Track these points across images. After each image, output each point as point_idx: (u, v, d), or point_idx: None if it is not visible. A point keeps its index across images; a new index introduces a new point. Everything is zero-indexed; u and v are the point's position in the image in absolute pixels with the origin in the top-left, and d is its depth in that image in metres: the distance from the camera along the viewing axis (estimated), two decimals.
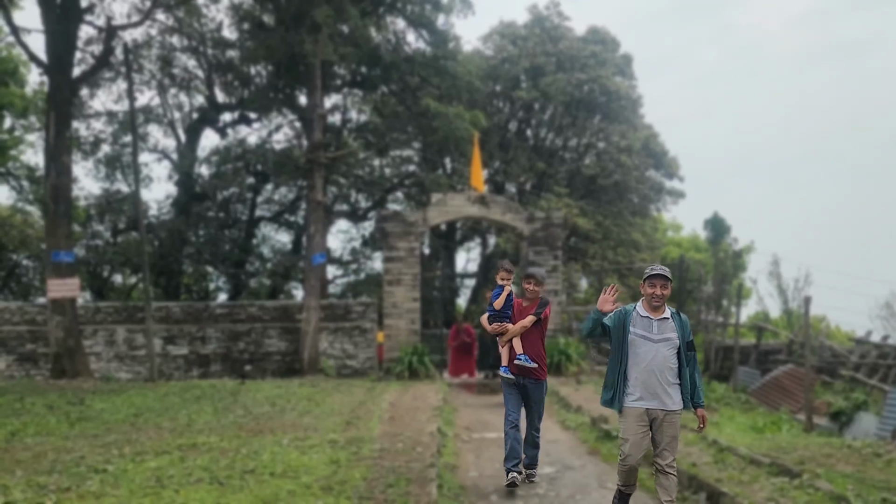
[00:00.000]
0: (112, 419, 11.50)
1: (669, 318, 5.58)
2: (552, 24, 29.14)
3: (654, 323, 5.53)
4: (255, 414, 11.92)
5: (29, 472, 7.94)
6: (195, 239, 27.98)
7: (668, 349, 5.51)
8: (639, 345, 5.51)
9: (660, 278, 5.55)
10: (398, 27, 24.97)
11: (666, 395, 5.47)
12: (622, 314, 5.61)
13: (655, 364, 5.46)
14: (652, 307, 5.57)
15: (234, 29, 25.37)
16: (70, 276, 17.89)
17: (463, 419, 12.61)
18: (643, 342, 5.50)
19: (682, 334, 5.57)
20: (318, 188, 20.27)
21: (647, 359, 5.47)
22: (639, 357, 5.49)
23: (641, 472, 8.52)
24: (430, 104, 23.28)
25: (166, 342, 21.01)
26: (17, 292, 27.58)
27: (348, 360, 21.01)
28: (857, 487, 7.32)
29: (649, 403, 5.47)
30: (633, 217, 28.65)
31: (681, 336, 5.55)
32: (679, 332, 5.56)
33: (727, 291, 23.29)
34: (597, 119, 28.98)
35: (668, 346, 5.50)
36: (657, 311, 5.58)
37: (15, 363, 20.71)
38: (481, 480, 8.43)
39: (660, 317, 5.57)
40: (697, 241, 36.72)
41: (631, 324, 5.56)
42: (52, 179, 17.83)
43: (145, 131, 28.41)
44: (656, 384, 5.46)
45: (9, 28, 19.00)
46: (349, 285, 30.68)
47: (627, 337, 5.54)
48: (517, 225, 19.72)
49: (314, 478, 7.58)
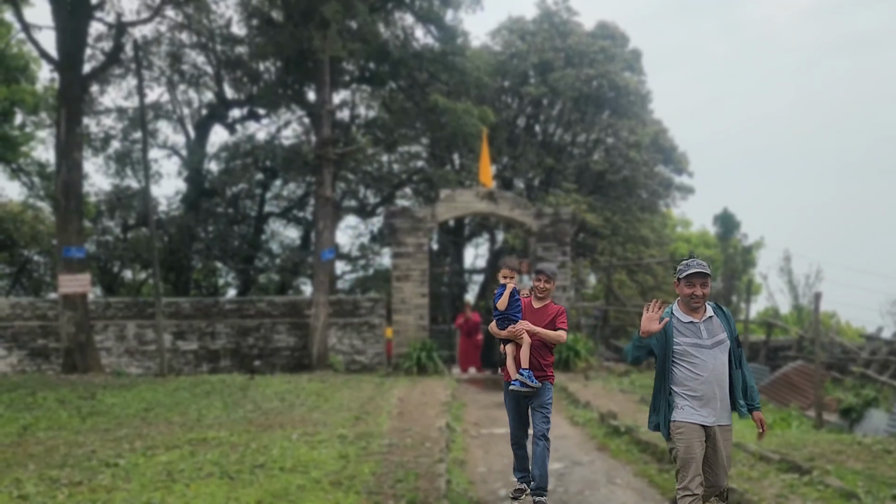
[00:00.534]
0: (123, 414, 11.57)
1: (714, 316, 4.97)
2: (561, 20, 29.03)
3: (700, 326, 4.89)
4: (264, 409, 11.97)
5: (41, 465, 8.01)
6: (204, 235, 28.07)
7: (723, 353, 4.89)
8: (692, 355, 4.83)
9: (699, 276, 4.88)
10: (406, 23, 24.94)
11: (723, 408, 4.86)
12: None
13: (715, 374, 4.82)
14: (691, 308, 4.93)
15: (242, 25, 25.42)
16: (81, 272, 18.00)
17: (471, 415, 12.62)
18: (697, 351, 4.84)
19: (730, 331, 4.97)
20: (327, 184, 20.29)
21: (706, 369, 4.81)
22: (697, 369, 4.82)
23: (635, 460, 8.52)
24: (439, 100, 23.26)
25: (176, 337, 21.11)
26: (29, 288, 27.76)
27: (357, 356, 21.06)
28: (868, 484, 7.29)
29: (707, 419, 4.81)
30: (642, 213, 28.54)
31: (729, 334, 4.96)
32: (727, 329, 4.96)
33: (737, 287, 23.19)
34: (605, 114, 28.86)
35: (722, 349, 4.89)
36: (698, 312, 4.94)
37: (27, 358, 20.85)
38: (490, 476, 8.44)
39: (704, 317, 4.93)
40: (707, 237, 36.57)
41: (674, 333, 4.88)
42: (63, 176, 17.93)
43: (155, 127, 28.52)
44: (715, 397, 4.82)
45: (20, 25, 19.11)
46: (358, 281, 30.72)
47: (674, 349, 4.87)
48: (525, 221, 19.70)
49: (323, 472, 7.61)
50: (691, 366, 4.83)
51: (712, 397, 4.81)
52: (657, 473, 8.29)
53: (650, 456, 9.04)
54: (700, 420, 4.80)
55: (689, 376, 4.83)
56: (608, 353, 21.81)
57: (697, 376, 4.81)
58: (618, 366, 19.14)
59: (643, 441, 9.59)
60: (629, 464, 8.89)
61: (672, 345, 4.86)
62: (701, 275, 4.88)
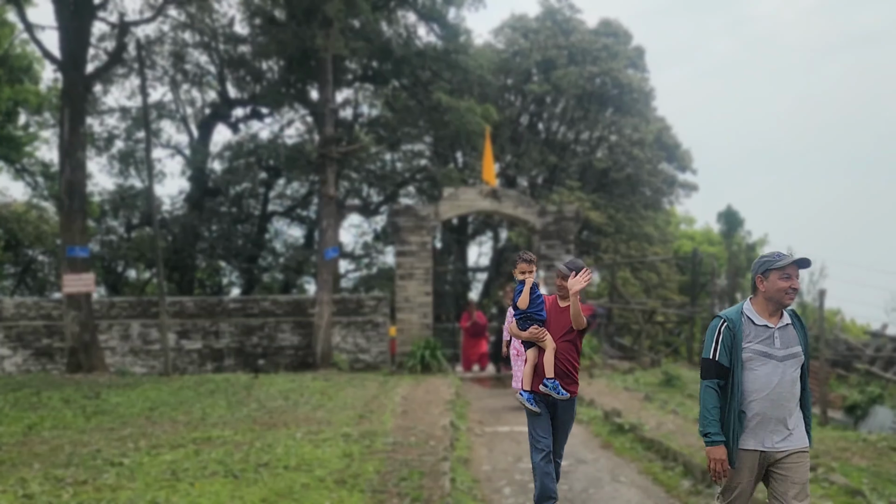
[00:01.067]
0: (127, 413, 11.60)
1: (790, 325, 4.18)
2: (564, 17, 29.00)
3: (774, 333, 4.13)
4: (268, 408, 11.98)
5: (46, 465, 8.03)
6: (208, 234, 28.12)
7: (795, 369, 4.12)
8: (756, 364, 4.09)
9: (797, 266, 4.15)
10: (409, 21, 24.93)
11: (788, 429, 4.12)
12: (730, 327, 4.14)
13: (780, 391, 4.06)
14: (777, 306, 4.15)
15: (245, 24, 25.45)
16: (85, 272, 18.03)
17: (475, 413, 12.62)
18: (763, 361, 4.08)
19: (805, 346, 4.19)
20: (330, 183, 20.30)
21: (769, 384, 4.05)
22: (758, 381, 4.07)
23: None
24: (442, 98, 23.26)
25: (180, 337, 21.14)
26: (33, 288, 27.84)
27: (361, 354, 21.07)
28: (873, 481, 7.27)
29: (766, 444, 4.09)
30: (646, 210, 28.52)
31: (804, 349, 4.18)
32: (802, 342, 4.18)
33: (741, 285, 23.11)
34: (609, 112, 28.83)
35: (794, 364, 4.12)
36: (776, 316, 4.16)
37: (31, 358, 20.91)
38: (494, 474, 8.44)
39: (780, 324, 4.15)
40: (710, 235, 36.50)
41: (744, 336, 4.12)
42: (67, 175, 17.96)
43: (158, 127, 28.59)
44: (777, 418, 4.09)
45: (23, 25, 19.13)
46: (361, 279, 30.75)
47: (741, 355, 4.10)
48: (529, 219, 19.68)
49: (328, 471, 7.61)
50: (750, 378, 4.09)
51: (776, 418, 4.08)
52: (661, 471, 8.29)
53: (654, 454, 9.03)
54: (754, 445, 4.09)
55: (748, 389, 4.09)
56: (612, 350, 21.79)
57: (756, 391, 4.06)
58: (622, 363, 19.14)
59: (647, 439, 9.58)
60: (633, 461, 8.88)
61: (740, 350, 4.10)
62: (801, 265, 4.15)
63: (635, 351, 21.10)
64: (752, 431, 4.08)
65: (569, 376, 5.05)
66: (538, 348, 5.09)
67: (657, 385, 15.21)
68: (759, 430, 4.08)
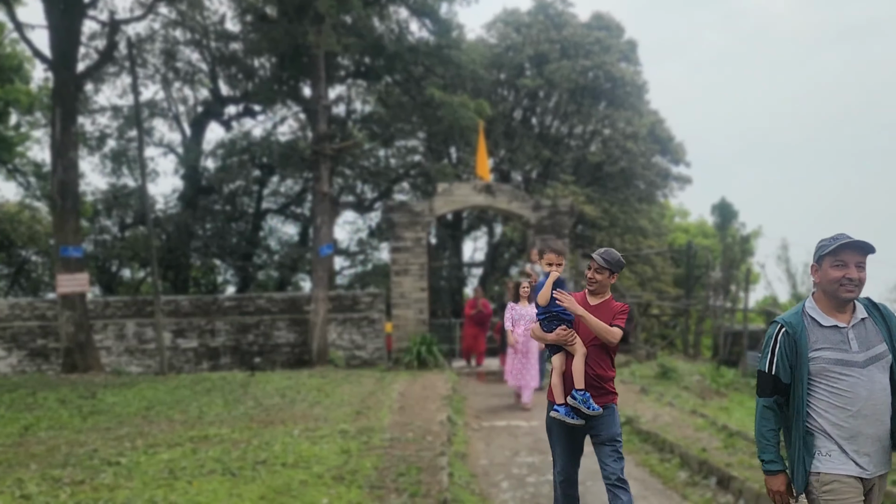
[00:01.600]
0: (124, 412, 11.58)
1: (868, 318, 3.42)
2: (556, 11, 28.98)
3: (848, 334, 3.37)
4: (265, 405, 11.97)
5: (43, 465, 8.01)
6: (202, 232, 28.07)
7: (883, 372, 3.35)
8: (835, 376, 3.33)
9: (855, 250, 3.36)
10: (401, 16, 24.87)
11: (882, 450, 3.37)
12: (790, 333, 3.40)
13: (872, 403, 3.31)
14: (839, 302, 3.39)
15: (236, 21, 25.35)
16: (79, 271, 17.97)
17: (472, 408, 12.64)
18: (843, 370, 3.32)
19: (891, 340, 3.41)
20: (324, 180, 20.27)
21: (858, 398, 3.30)
22: (843, 397, 3.32)
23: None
24: (435, 93, 23.22)
25: (176, 335, 21.11)
26: (27, 288, 27.75)
27: (357, 351, 21.08)
28: None
29: (866, 468, 3.35)
30: (640, 203, 28.56)
31: (889, 343, 3.40)
32: (887, 337, 3.40)
33: (735, 277, 23.20)
34: (602, 106, 28.84)
35: (881, 367, 3.35)
36: (846, 312, 3.40)
37: (26, 358, 20.85)
38: (492, 468, 8.46)
39: (854, 320, 3.40)
40: (705, 227, 36.60)
41: (810, 343, 3.37)
42: (59, 175, 17.88)
43: (150, 125, 28.47)
44: (873, 435, 3.34)
45: (13, 24, 19.02)
46: (357, 276, 30.76)
47: (808, 367, 3.36)
48: (523, 213, 19.69)
49: (325, 468, 7.62)
50: (835, 392, 3.33)
51: (871, 435, 3.33)
52: (658, 463, 8.32)
53: (651, 446, 9.07)
54: (856, 471, 3.33)
55: (830, 406, 3.34)
56: None
57: (843, 408, 3.32)
58: (617, 356, 19.17)
59: (644, 431, 9.62)
60: (630, 454, 8.91)
61: (806, 361, 3.35)
62: (859, 249, 3.35)
63: (631, 344, 21.16)
64: (845, 453, 3.33)
65: (599, 387, 4.41)
66: (565, 353, 4.43)
67: (653, 377, 15.27)
68: (854, 452, 3.34)
